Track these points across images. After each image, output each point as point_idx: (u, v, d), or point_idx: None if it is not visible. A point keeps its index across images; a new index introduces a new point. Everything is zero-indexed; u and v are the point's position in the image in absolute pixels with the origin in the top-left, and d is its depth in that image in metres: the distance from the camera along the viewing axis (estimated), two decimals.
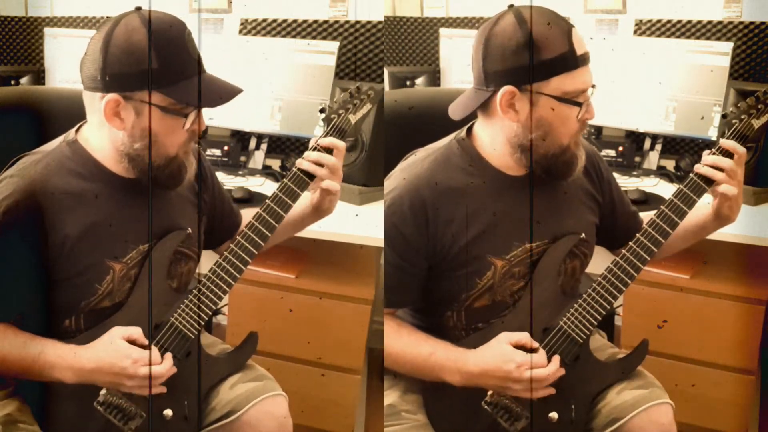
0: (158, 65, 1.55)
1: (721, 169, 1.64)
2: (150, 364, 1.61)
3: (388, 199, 1.66)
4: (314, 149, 1.70)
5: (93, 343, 1.60)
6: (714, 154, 1.66)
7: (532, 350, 1.63)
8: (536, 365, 1.62)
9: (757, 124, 1.68)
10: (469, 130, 1.70)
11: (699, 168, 1.66)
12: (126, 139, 1.58)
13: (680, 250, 1.84)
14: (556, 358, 1.65)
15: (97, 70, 1.55)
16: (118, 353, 1.59)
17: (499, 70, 1.59)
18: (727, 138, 1.67)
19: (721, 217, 1.71)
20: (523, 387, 1.63)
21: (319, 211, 1.78)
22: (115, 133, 1.58)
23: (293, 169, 1.71)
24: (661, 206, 1.67)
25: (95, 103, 1.58)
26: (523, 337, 1.64)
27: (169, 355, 1.64)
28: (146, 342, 1.62)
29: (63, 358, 1.58)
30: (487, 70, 1.60)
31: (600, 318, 1.67)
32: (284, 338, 2.39)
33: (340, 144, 1.71)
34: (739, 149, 1.64)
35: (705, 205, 1.70)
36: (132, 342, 1.60)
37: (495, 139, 1.65)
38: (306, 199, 1.74)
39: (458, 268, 1.65)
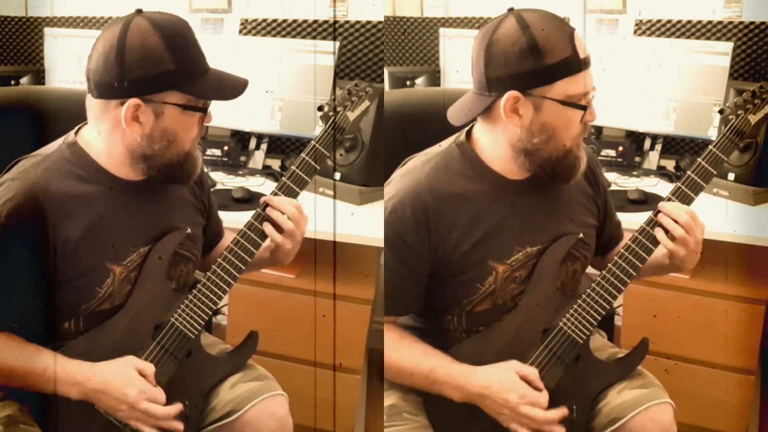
0: (175, 65, 1.55)
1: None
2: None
3: (389, 206, 1.65)
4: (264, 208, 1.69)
5: (103, 363, 1.61)
6: (672, 200, 1.65)
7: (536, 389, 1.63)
8: (537, 404, 1.62)
9: (753, 119, 1.68)
10: (468, 134, 1.69)
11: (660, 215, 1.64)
12: (144, 142, 1.58)
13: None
14: (561, 411, 1.63)
15: (113, 77, 1.55)
16: (127, 380, 1.60)
17: (502, 75, 1.58)
18: (725, 134, 1.67)
19: (675, 267, 1.70)
20: (516, 420, 1.62)
21: (274, 260, 1.76)
22: (131, 137, 1.58)
23: (292, 168, 1.71)
24: (659, 206, 1.67)
25: (109, 110, 1.57)
26: (532, 373, 1.63)
27: (177, 407, 1.64)
28: (154, 382, 1.62)
29: (69, 376, 1.59)
30: (490, 76, 1.59)
31: (600, 318, 1.67)
32: (284, 338, 2.40)
33: (290, 209, 1.69)
34: (682, 216, 1.62)
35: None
36: (142, 375, 1.61)
37: (496, 144, 1.64)
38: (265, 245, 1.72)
39: (460, 273, 1.65)
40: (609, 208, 1.80)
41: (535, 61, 1.55)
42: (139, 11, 1.59)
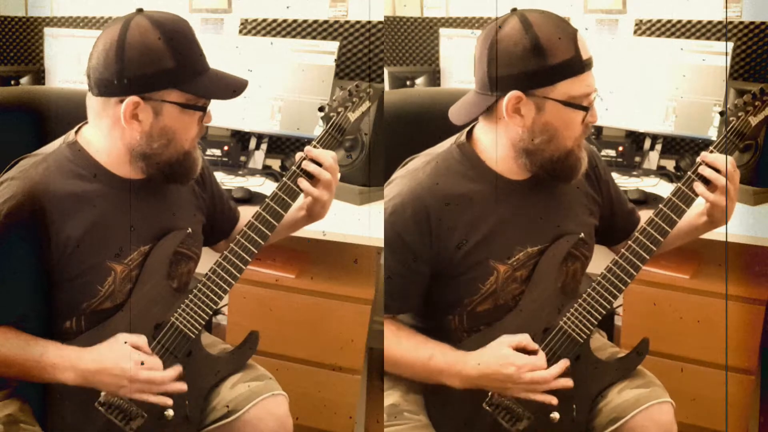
0: (175, 63, 1.56)
1: (718, 170, 1.64)
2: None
3: (390, 207, 1.65)
4: (303, 160, 1.71)
5: (97, 345, 1.61)
6: (713, 153, 1.66)
7: (531, 352, 1.63)
8: (536, 367, 1.62)
9: (754, 121, 1.68)
10: (469, 134, 1.69)
11: (701, 165, 1.66)
12: (143, 140, 1.59)
13: (675, 248, 1.84)
14: (563, 363, 1.64)
15: (112, 74, 1.55)
16: (122, 355, 1.60)
17: (505, 75, 1.58)
18: (726, 135, 1.67)
19: (713, 221, 1.72)
20: (523, 389, 1.64)
21: (311, 216, 1.80)
22: (130, 135, 1.58)
23: (293, 168, 1.71)
24: (660, 205, 1.67)
25: (109, 108, 1.58)
26: (523, 339, 1.64)
27: (177, 369, 1.65)
28: (149, 350, 1.63)
29: (65, 360, 1.59)
30: (492, 76, 1.59)
31: (600, 317, 1.67)
32: (284, 338, 2.39)
33: (329, 159, 1.71)
34: (724, 164, 1.64)
35: (697, 205, 1.70)
36: (136, 349, 1.61)
37: (498, 144, 1.64)
38: (299, 202, 1.75)
39: (461, 274, 1.65)
40: (616, 198, 1.80)
41: (537, 62, 1.55)
42: (139, 10, 1.59)
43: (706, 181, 1.66)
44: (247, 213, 1.76)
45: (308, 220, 1.81)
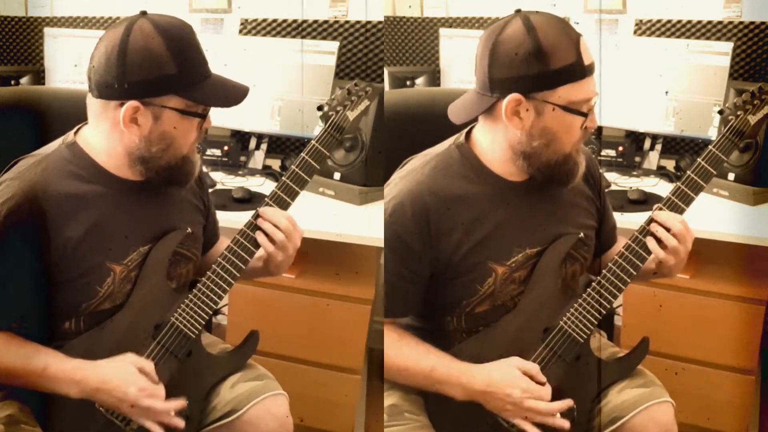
0: (176, 69, 1.55)
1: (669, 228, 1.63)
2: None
3: (389, 207, 1.65)
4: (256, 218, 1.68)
5: (102, 361, 1.60)
6: (663, 209, 1.65)
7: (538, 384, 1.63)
8: (540, 397, 1.62)
9: (753, 120, 1.68)
10: (468, 135, 1.69)
11: (653, 224, 1.64)
12: (142, 144, 1.58)
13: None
14: (566, 402, 1.64)
15: (113, 78, 1.54)
16: (126, 378, 1.59)
17: (506, 77, 1.57)
18: (725, 134, 1.67)
19: (662, 273, 1.71)
20: (520, 414, 1.63)
21: (267, 269, 1.76)
22: (129, 138, 1.58)
23: (292, 167, 1.71)
24: (659, 204, 1.67)
25: (108, 111, 1.57)
26: (533, 367, 1.63)
27: (179, 402, 1.63)
28: (156, 378, 1.62)
29: (68, 376, 1.58)
30: (493, 77, 1.59)
31: (600, 317, 1.67)
32: (284, 338, 2.40)
33: (283, 221, 1.68)
34: (675, 226, 1.63)
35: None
36: (142, 373, 1.61)
37: (496, 145, 1.64)
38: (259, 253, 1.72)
39: (459, 275, 1.65)
40: (606, 211, 1.80)
41: (538, 65, 1.55)
42: (143, 13, 1.59)
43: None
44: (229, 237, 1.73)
45: (264, 272, 1.76)
